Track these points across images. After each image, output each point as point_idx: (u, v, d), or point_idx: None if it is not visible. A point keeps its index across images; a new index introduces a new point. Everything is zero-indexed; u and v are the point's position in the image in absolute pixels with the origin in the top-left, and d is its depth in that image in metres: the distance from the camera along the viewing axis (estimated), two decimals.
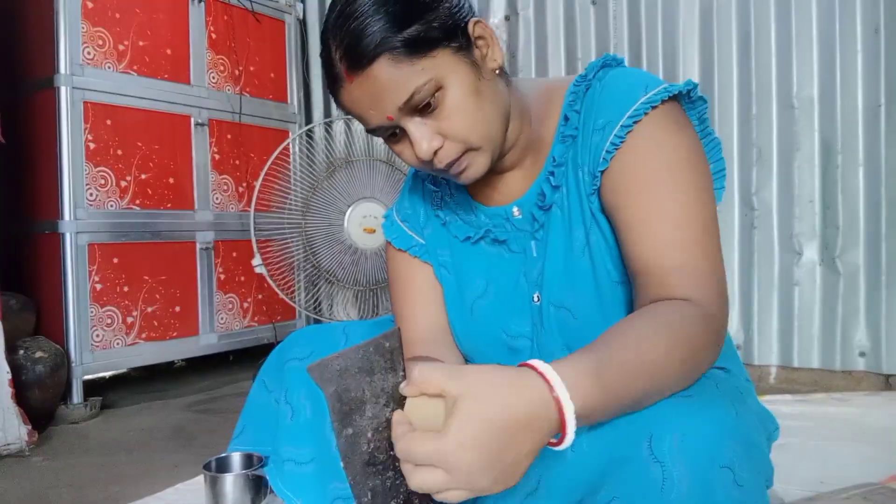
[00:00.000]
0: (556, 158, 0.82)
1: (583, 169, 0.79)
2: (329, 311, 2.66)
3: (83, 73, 2.17)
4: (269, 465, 0.98)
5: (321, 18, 3.15)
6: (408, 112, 0.72)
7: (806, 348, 2.19)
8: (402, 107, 0.71)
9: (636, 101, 0.74)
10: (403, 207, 0.99)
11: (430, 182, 0.95)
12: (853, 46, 2.09)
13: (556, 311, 0.81)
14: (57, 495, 1.48)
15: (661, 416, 0.61)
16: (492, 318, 0.87)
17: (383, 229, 0.99)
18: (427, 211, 0.96)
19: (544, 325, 0.83)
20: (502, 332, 0.87)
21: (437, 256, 0.93)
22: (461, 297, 0.90)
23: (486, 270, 0.89)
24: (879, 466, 1.38)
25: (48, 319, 2.20)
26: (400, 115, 0.72)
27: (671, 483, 0.57)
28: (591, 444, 0.65)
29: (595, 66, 0.82)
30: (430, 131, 0.73)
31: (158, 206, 2.40)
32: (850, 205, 2.12)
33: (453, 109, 0.72)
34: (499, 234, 0.87)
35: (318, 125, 2.66)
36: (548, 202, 0.82)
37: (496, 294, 0.87)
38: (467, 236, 0.90)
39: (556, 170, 0.82)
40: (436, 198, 0.95)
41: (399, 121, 0.73)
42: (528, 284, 0.85)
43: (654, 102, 0.74)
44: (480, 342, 0.89)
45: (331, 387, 0.59)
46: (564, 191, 0.82)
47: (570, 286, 0.80)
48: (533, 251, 0.85)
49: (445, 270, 0.92)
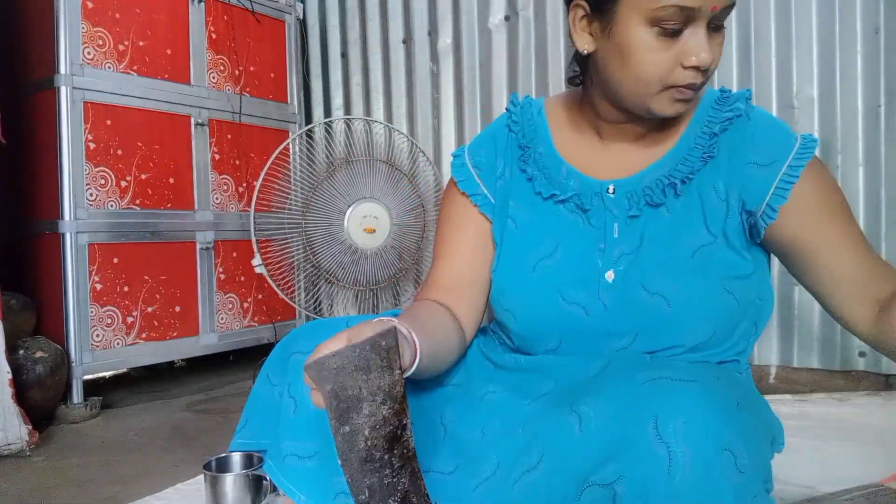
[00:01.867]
0: (686, 171, 0.86)
1: (730, 193, 0.85)
2: (329, 311, 2.66)
3: (83, 73, 2.18)
4: (267, 459, 0.97)
5: (321, 18, 3.16)
6: (712, 18, 0.77)
7: (806, 348, 2.19)
8: (723, 9, 0.76)
9: (792, 144, 0.84)
10: (479, 153, 1.00)
11: (521, 136, 0.97)
12: (853, 46, 2.09)
13: (649, 297, 0.83)
14: (57, 495, 1.48)
15: (667, 399, 0.63)
16: (553, 279, 0.89)
17: (451, 167, 1.01)
18: (508, 163, 0.97)
19: (614, 303, 0.85)
20: (559, 294, 0.88)
21: (507, 209, 0.95)
22: (525, 253, 0.92)
23: (557, 234, 0.91)
24: (879, 466, 1.38)
25: (48, 319, 2.20)
26: (710, 15, 0.76)
27: (677, 464, 0.58)
28: (600, 426, 0.66)
29: (741, 97, 0.88)
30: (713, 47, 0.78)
31: (158, 206, 2.41)
32: (850, 205, 2.11)
33: (722, 41, 0.80)
34: (584, 203, 0.89)
35: (318, 125, 2.66)
36: (657, 200, 0.86)
37: (564, 258, 0.90)
38: (552, 194, 0.91)
39: (686, 180, 0.86)
40: (526, 153, 0.96)
41: (706, 18, 0.76)
42: (603, 261, 0.87)
43: (811, 149, 0.84)
44: (531, 300, 0.91)
45: (328, 385, 0.59)
46: (684, 198, 0.86)
47: (673, 276, 0.83)
48: (614, 232, 0.87)
49: (513, 224, 0.94)
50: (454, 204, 0.99)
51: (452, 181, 1.00)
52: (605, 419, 0.66)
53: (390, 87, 2.99)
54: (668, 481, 0.58)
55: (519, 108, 1.00)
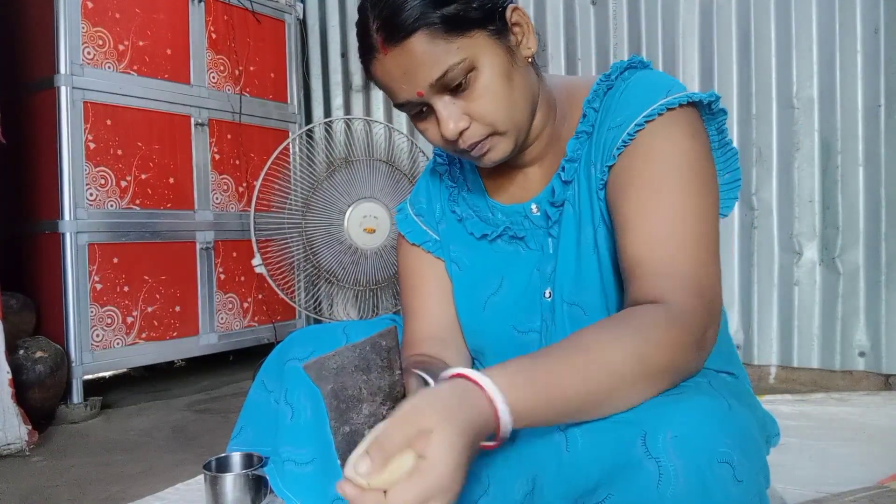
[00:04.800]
0: (569, 154, 0.82)
1: (595, 166, 0.80)
2: (329, 311, 2.66)
3: (83, 73, 2.18)
4: (269, 465, 0.98)
5: (321, 18, 3.16)
6: (438, 90, 0.73)
7: (806, 348, 2.19)
8: (434, 83, 0.72)
9: (655, 102, 0.75)
10: (419, 201, 0.98)
11: (448, 178, 0.95)
12: (853, 46, 2.09)
13: (569, 308, 0.81)
14: (57, 495, 1.48)
15: (653, 413, 0.61)
16: (503, 313, 0.87)
17: (396, 222, 0.99)
18: (443, 206, 0.96)
19: (556, 321, 0.83)
20: (513, 328, 0.87)
21: (449, 252, 0.93)
22: (474, 293, 0.90)
23: (501, 267, 0.89)
24: (879, 466, 1.38)
25: (48, 319, 2.20)
26: (430, 91, 0.73)
27: (668, 478, 0.56)
28: (587, 446, 0.65)
29: (619, 67, 0.83)
30: (457, 111, 0.74)
31: (158, 206, 2.41)
32: (850, 205, 2.12)
33: (484, 91, 0.73)
34: (517, 231, 0.88)
35: (318, 125, 2.65)
36: (558, 198, 0.83)
37: (509, 290, 0.88)
38: (484, 234, 0.90)
39: (568, 165, 0.82)
40: (453, 193, 0.95)
41: (428, 98, 0.73)
42: (541, 280, 0.85)
43: (671, 105, 0.74)
44: (490, 338, 0.89)
45: (327, 385, 0.59)
46: (576, 187, 0.82)
47: (580, 283, 0.81)
48: (549, 248, 0.85)
49: (457, 267, 0.92)
50: (408, 258, 0.97)
51: (401, 235, 0.98)
52: (592, 439, 0.64)
53: None
54: (659, 497, 0.56)
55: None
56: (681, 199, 0.71)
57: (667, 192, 0.72)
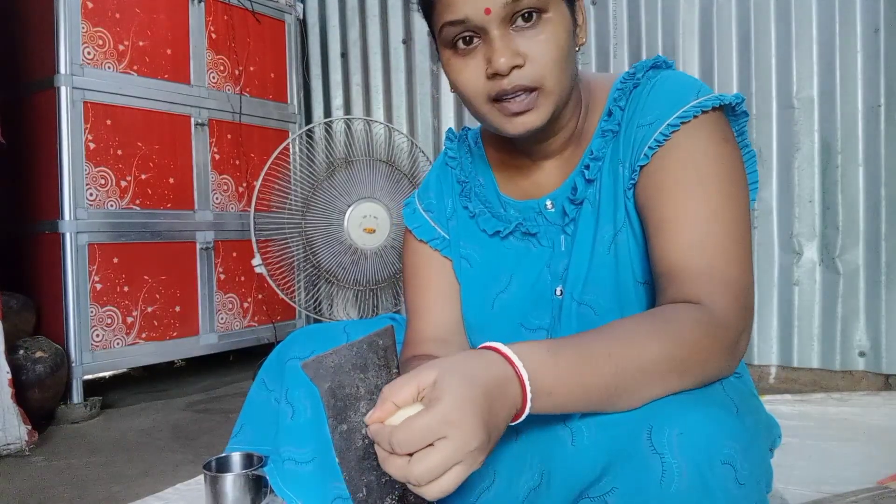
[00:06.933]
0: (594, 152, 0.81)
1: (623, 165, 0.78)
2: (329, 311, 2.66)
3: (83, 73, 2.18)
4: (269, 464, 0.98)
5: (321, 18, 3.16)
6: (505, 17, 0.70)
7: (806, 348, 2.19)
8: (507, 4, 0.69)
9: (687, 102, 0.74)
10: (428, 196, 0.96)
11: (459, 170, 0.94)
12: (853, 47, 2.09)
13: (579, 307, 0.81)
14: (57, 495, 1.48)
15: (661, 409, 0.61)
16: (512, 311, 0.87)
17: (404, 216, 0.97)
18: (455, 202, 0.94)
19: (563, 319, 0.82)
20: (521, 325, 0.86)
21: (459, 249, 0.92)
22: (484, 291, 0.90)
23: (511, 265, 0.88)
24: (879, 466, 1.38)
25: (48, 319, 2.21)
26: (498, 13, 0.70)
27: (671, 475, 0.56)
28: (593, 436, 0.65)
29: (644, 66, 0.82)
30: (515, 46, 0.71)
31: (158, 206, 2.41)
32: (850, 205, 2.12)
33: (550, 36, 0.71)
34: (530, 227, 0.87)
35: (318, 125, 2.66)
36: (579, 196, 0.82)
37: (519, 287, 0.87)
38: (496, 231, 0.89)
39: (592, 163, 0.81)
40: (465, 188, 0.93)
41: (491, 22, 0.70)
42: (552, 277, 0.84)
43: (704, 107, 0.74)
44: (497, 335, 0.88)
45: (325, 383, 0.59)
46: (598, 186, 0.81)
47: (593, 283, 0.80)
48: (562, 245, 0.84)
49: (468, 264, 0.91)
50: (415, 254, 0.95)
51: (408, 231, 0.96)
52: (597, 432, 0.65)
53: (390, 87, 2.99)
54: (661, 492, 0.56)
55: (456, 142, 0.97)
56: (717, 203, 0.71)
57: (703, 195, 0.71)
